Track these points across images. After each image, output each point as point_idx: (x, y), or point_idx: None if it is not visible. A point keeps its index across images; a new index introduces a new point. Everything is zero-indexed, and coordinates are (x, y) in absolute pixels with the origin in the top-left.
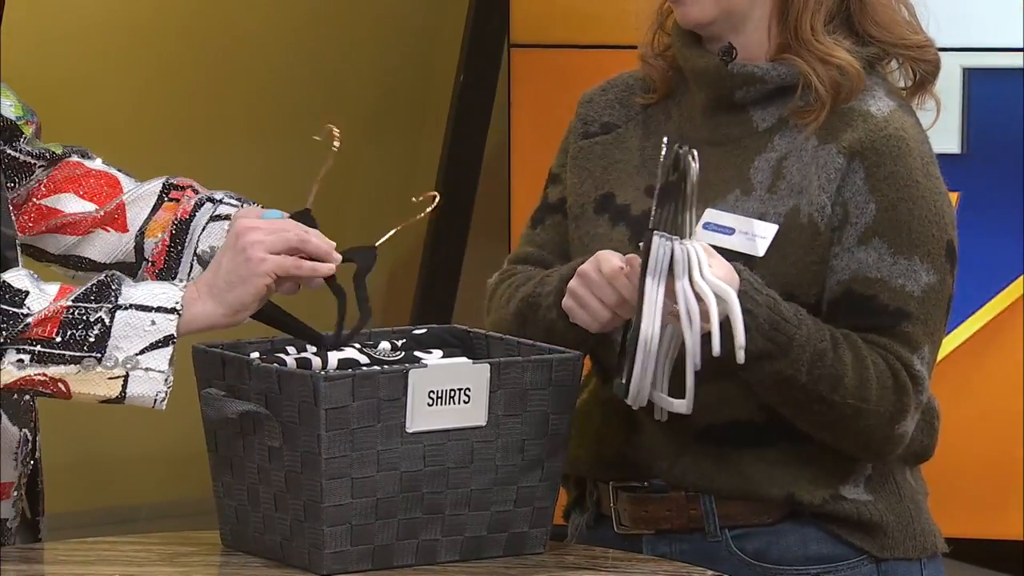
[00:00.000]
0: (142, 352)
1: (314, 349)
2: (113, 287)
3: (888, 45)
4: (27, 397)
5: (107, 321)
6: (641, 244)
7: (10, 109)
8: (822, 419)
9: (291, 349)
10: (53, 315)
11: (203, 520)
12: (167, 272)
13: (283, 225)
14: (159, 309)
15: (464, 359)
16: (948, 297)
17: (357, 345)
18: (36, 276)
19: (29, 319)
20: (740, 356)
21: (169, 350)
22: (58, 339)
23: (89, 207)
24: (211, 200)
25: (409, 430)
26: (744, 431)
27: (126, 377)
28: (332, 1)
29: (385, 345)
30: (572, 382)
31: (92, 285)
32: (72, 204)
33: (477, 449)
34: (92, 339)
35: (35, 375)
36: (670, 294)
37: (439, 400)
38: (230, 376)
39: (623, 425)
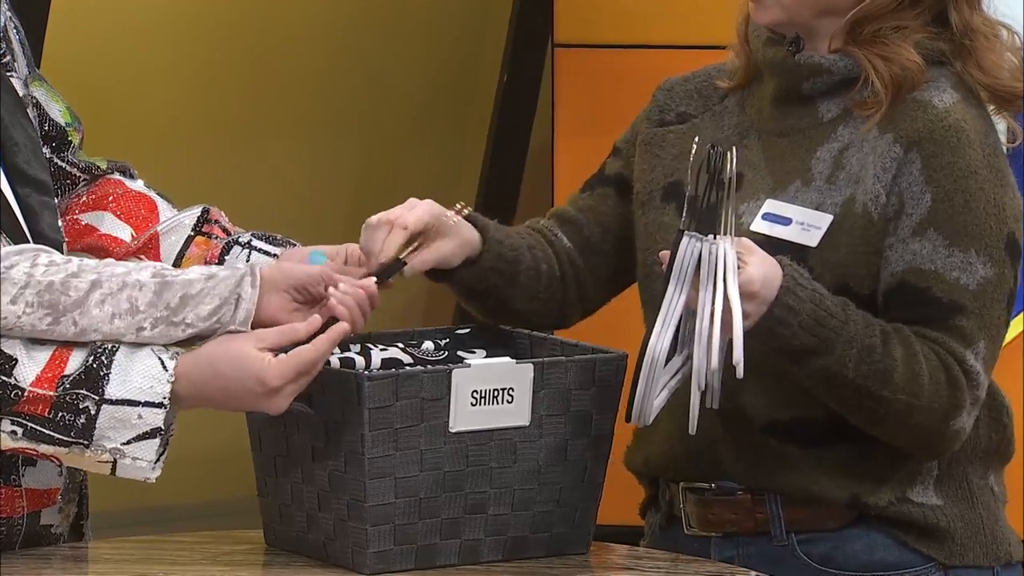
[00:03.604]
0: (128, 443)
1: (357, 348)
2: (101, 373)
3: (986, 87)
4: None
5: (93, 412)
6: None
7: (59, 115)
8: (873, 415)
9: (335, 349)
10: (43, 399)
11: (246, 519)
12: None
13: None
14: (146, 404)
15: (508, 359)
16: (1009, 291)
17: (401, 345)
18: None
19: (21, 391)
20: (739, 372)
21: (156, 441)
22: (48, 420)
23: (125, 231)
24: (238, 243)
25: (452, 430)
26: (807, 428)
27: (115, 462)
28: (377, 1)
29: (428, 345)
30: (615, 382)
31: (80, 370)
32: (109, 224)
33: (520, 449)
34: (80, 426)
35: (27, 447)
36: (691, 301)
37: (482, 400)
38: None
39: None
